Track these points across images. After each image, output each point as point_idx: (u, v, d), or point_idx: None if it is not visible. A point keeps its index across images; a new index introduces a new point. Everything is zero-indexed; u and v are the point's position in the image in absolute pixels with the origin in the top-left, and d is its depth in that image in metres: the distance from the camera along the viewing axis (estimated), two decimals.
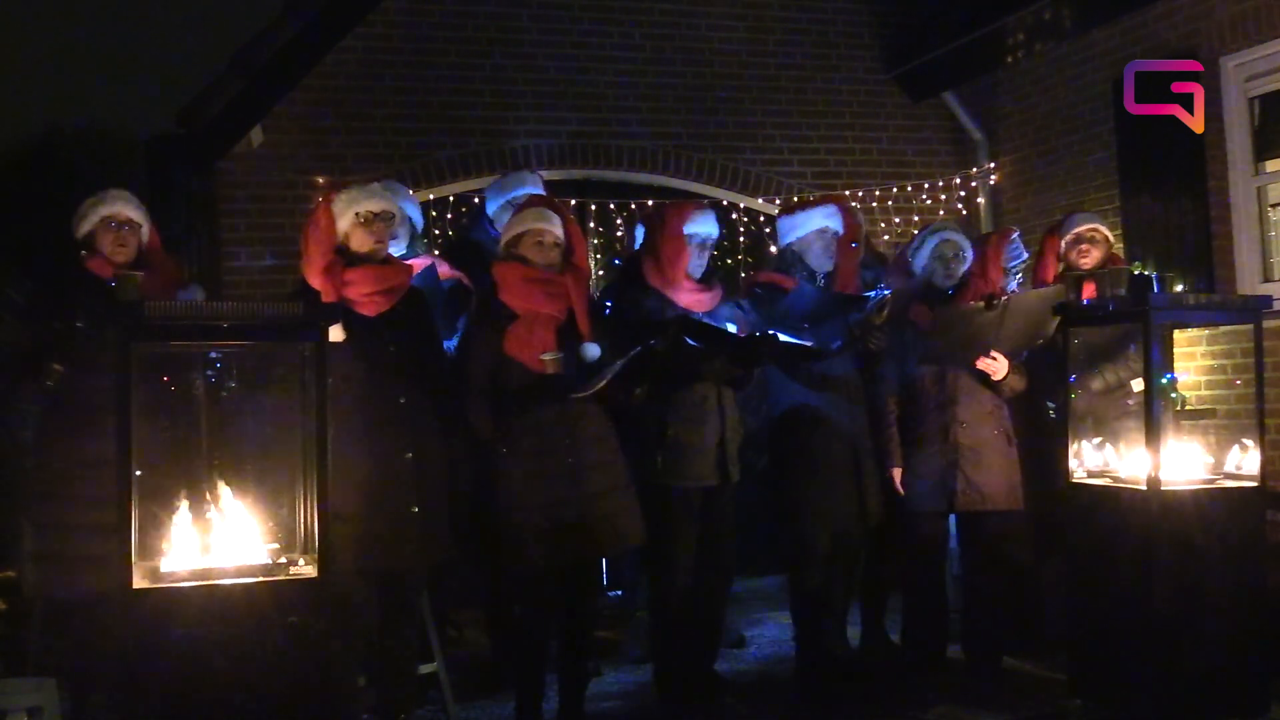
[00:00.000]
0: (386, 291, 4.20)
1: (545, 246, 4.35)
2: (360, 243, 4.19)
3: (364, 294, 4.14)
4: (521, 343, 4.23)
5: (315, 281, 4.13)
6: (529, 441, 4.26)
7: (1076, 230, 5.28)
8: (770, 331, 4.54)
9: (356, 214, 4.17)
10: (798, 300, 4.83)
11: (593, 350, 4.26)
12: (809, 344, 4.62)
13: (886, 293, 4.75)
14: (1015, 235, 5.63)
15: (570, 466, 4.25)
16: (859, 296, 4.84)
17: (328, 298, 4.03)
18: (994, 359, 4.92)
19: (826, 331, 4.76)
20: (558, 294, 4.33)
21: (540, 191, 5.15)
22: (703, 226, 4.77)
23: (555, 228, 4.37)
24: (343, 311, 3.99)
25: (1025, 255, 5.68)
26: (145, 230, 4.61)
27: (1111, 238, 5.35)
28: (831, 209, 5.02)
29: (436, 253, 5.89)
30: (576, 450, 4.26)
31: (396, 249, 4.96)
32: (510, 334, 4.24)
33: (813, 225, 4.97)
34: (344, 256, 4.18)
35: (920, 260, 5.18)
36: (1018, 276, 5.60)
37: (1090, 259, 5.22)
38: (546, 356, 4.16)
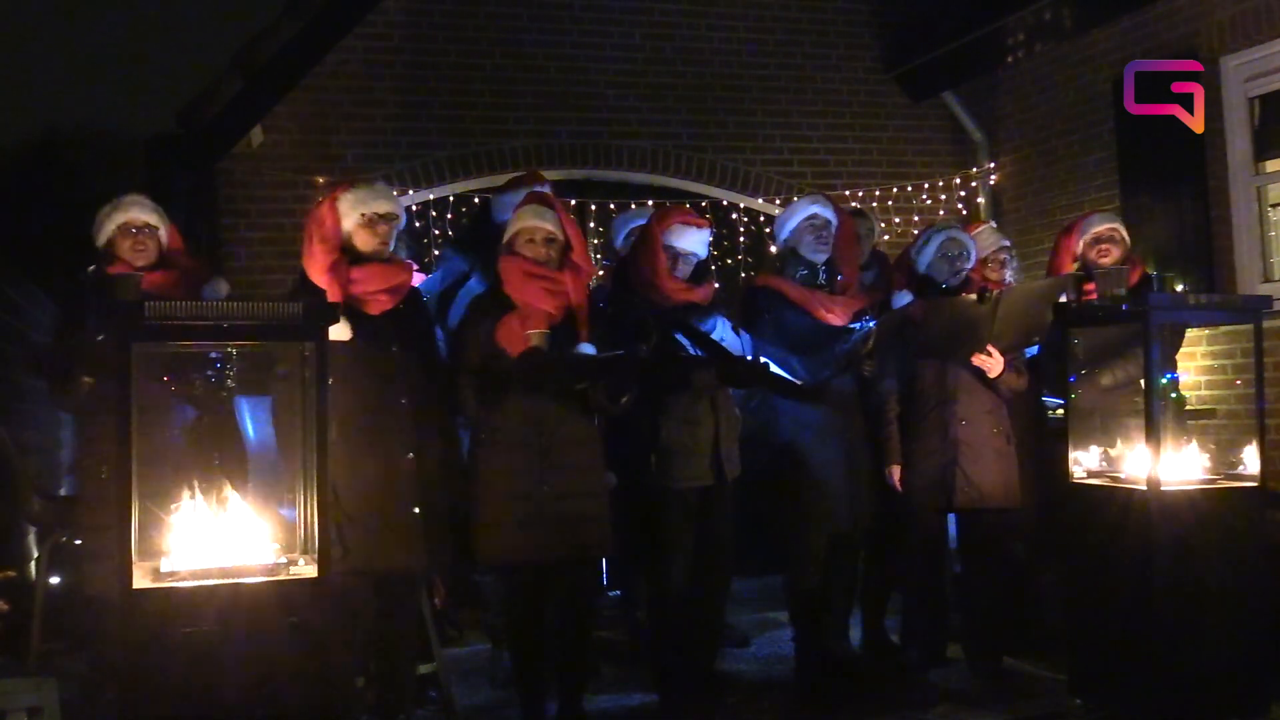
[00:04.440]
0: (391, 290, 4.22)
1: (536, 244, 4.35)
2: (364, 242, 4.20)
3: (369, 292, 4.16)
4: (512, 335, 4.22)
5: (319, 279, 4.13)
6: (510, 435, 4.26)
7: (1096, 230, 5.21)
8: (764, 360, 4.55)
9: (362, 214, 4.18)
10: (791, 326, 4.84)
11: (587, 350, 4.26)
12: (797, 383, 4.62)
13: (871, 325, 4.74)
14: (987, 225, 5.65)
15: (546, 464, 4.24)
16: (846, 328, 4.84)
17: (332, 296, 4.04)
18: (989, 354, 4.93)
19: (815, 362, 4.76)
20: (556, 291, 4.32)
21: (541, 189, 5.13)
22: (683, 241, 4.71)
23: (547, 224, 4.37)
24: (349, 310, 4.01)
25: (1007, 242, 5.68)
26: (164, 232, 4.61)
27: (1129, 238, 5.27)
28: (818, 197, 5.04)
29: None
30: (556, 449, 4.26)
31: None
32: (502, 324, 4.25)
33: (800, 215, 4.98)
34: (348, 254, 4.19)
35: (925, 258, 5.19)
36: (1003, 259, 5.59)
37: (1110, 259, 5.14)
38: (533, 333, 4.15)
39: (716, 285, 5.08)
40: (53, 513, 4.81)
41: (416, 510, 4.15)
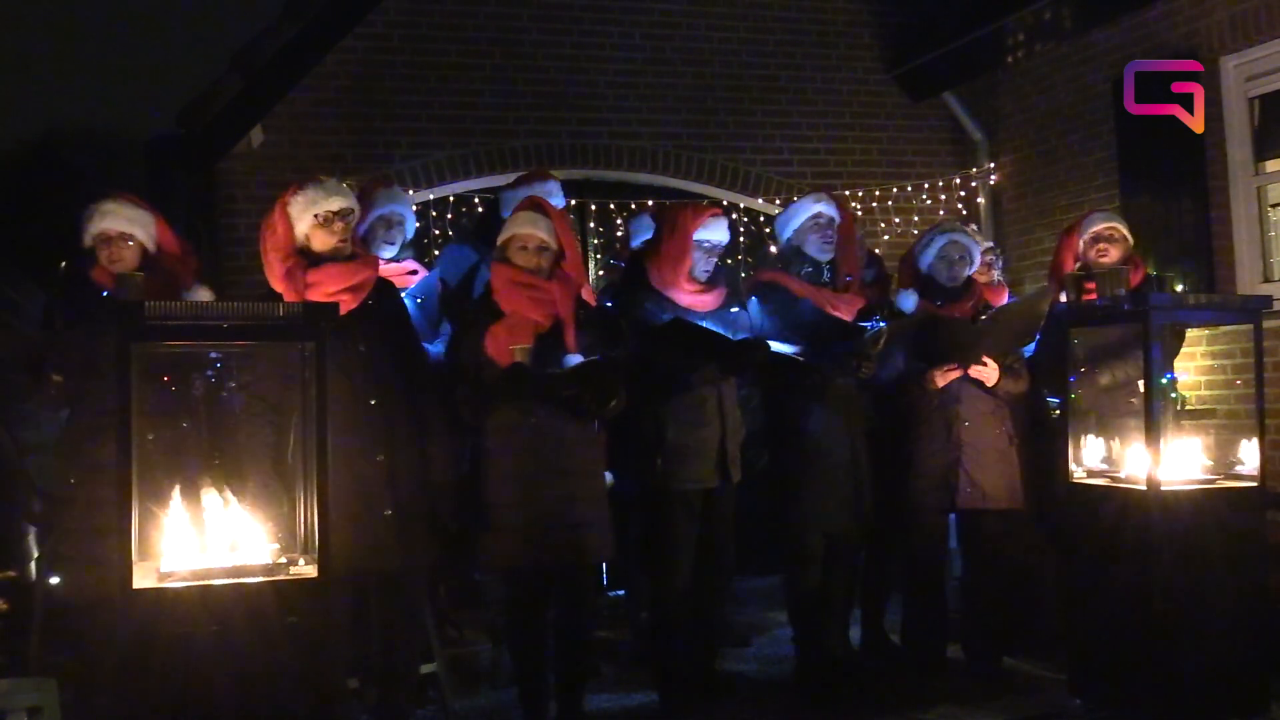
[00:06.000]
0: (352, 289, 4.12)
1: (528, 252, 4.33)
2: (322, 243, 4.12)
3: (328, 294, 4.02)
4: (498, 343, 4.20)
5: (277, 286, 4.07)
6: (511, 440, 4.26)
7: (1095, 229, 5.23)
8: (764, 339, 4.54)
9: (315, 215, 4.10)
10: (797, 318, 4.83)
11: (575, 362, 4.25)
12: (799, 358, 4.62)
13: (882, 325, 4.75)
14: (969, 229, 5.76)
15: (547, 470, 4.23)
16: (858, 326, 4.84)
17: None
18: (985, 364, 4.95)
19: (825, 356, 4.76)
20: (543, 300, 4.30)
21: (549, 193, 5.11)
22: (714, 233, 4.73)
23: (539, 232, 4.34)
24: None
25: (990, 244, 5.83)
26: (145, 234, 4.51)
27: (1130, 236, 5.28)
28: (822, 195, 5.04)
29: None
30: (556, 454, 4.25)
31: (389, 252, 4.95)
32: (490, 332, 4.23)
33: (806, 213, 4.96)
34: (306, 257, 4.11)
35: (926, 259, 5.20)
36: (989, 260, 5.69)
37: (1109, 258, 5.15)
38: (516, 348, 4.15)
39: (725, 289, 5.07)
40: (53, 513, 4.80)
41: (389, 513, 4.08)
